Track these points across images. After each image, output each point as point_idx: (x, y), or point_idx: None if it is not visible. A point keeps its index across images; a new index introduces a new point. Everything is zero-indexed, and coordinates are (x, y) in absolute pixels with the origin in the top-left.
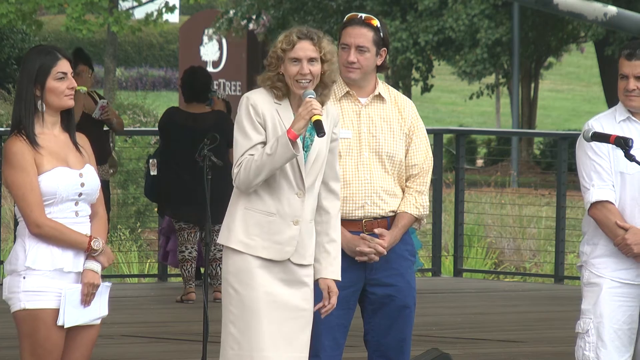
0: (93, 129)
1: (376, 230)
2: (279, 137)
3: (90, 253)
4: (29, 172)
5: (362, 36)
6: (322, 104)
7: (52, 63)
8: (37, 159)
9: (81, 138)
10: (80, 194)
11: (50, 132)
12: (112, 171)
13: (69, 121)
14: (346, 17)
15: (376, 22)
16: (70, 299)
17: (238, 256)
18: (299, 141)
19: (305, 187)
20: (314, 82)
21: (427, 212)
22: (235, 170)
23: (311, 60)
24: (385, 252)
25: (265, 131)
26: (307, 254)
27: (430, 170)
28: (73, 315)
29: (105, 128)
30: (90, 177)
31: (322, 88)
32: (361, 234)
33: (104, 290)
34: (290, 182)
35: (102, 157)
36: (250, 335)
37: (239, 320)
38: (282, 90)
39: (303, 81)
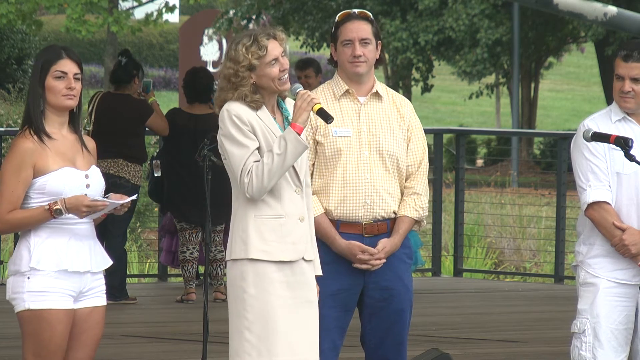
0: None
1: (379, 246)
2: (283, 135)
3: (55, 214)
4: (20, 174)
5: (363, 30)
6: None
7: (52, 62)
8: (41, 161)
9: (89, 141)
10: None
11: (58, 132)
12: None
13: (77, 121)
14: (338, 15)
15: (370, 15)
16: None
17: (254, 265)
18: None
19: (302, 184)
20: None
21: (427, 214)
22: (245, 180)
23: (283, 54)
24: (382, 263)
25: (257, 137)
26: (312, 249)
27: (427, 170)
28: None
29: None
30: (95, 179)
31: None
32: (359, 244)
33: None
34: (288, 181)
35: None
36: (269, 341)
37: (255, 326)
38: (261, 101)
39: (284, 77)
